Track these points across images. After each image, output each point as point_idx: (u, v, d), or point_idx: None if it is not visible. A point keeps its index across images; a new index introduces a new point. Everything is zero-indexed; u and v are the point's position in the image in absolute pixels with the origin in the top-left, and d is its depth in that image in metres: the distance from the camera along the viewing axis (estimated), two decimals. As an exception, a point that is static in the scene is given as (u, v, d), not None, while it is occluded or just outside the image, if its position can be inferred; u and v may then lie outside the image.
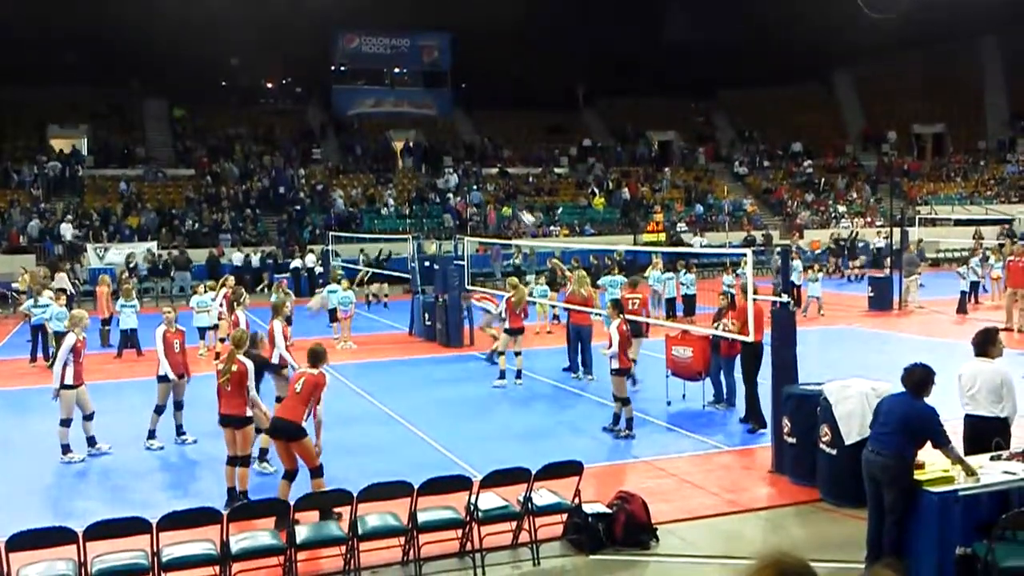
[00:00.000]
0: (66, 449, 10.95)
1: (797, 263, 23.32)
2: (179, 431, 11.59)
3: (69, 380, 10.91)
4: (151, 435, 11.39)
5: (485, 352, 17.26)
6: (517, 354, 14.80)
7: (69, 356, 10.92)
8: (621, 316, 11.54)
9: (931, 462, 7.01)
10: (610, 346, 11.16)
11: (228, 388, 9.10)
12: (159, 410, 11.45)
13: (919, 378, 6.87)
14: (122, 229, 33.51)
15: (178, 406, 11.59)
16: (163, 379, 11.42)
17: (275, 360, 11.34)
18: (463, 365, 17.04)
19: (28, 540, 6.53)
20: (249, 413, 9.17)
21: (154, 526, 6.76)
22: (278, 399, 11.48)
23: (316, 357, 8.82)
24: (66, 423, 10.95)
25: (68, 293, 25.03)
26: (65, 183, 36.07)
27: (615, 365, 11.23)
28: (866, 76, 49.88)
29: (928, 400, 6.90)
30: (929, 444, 6.85)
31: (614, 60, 45.01)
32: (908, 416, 6.77)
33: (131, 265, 30.86)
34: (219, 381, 9.16)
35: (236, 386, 9.07)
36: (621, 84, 47.99)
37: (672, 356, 13.05)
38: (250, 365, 9.21)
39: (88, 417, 11.20)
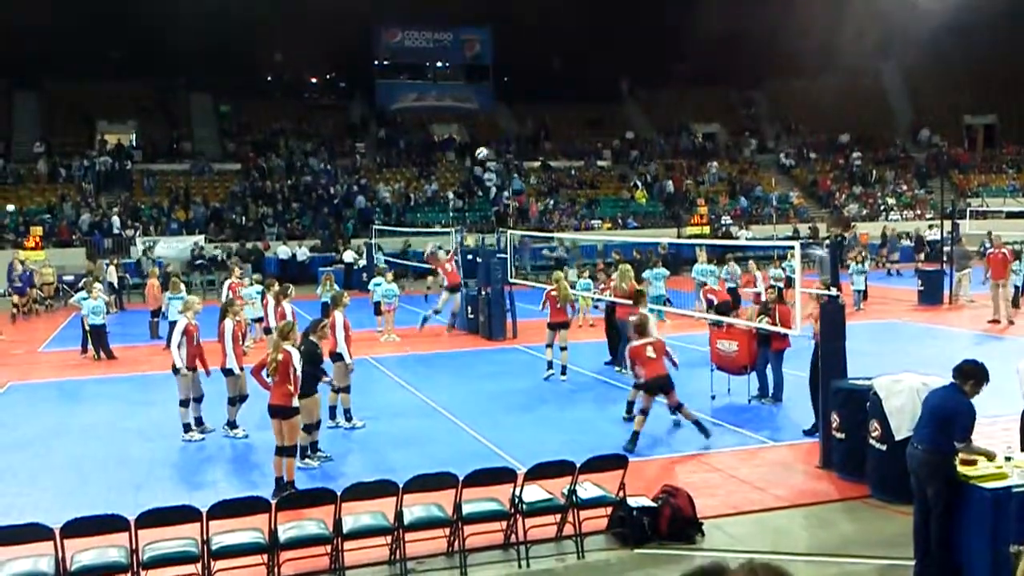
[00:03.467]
0: (187, 428, 11.44)
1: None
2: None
3: (180, 363, 11.37)
4: (232, 424, 11.58)
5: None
6: (563, 349, 14.74)
7: (182, 339, 11.39)
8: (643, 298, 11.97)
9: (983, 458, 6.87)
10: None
11: (276, 378, 9.17)
12: (233, 401, 11.59)
13: (964, 371, 6.73)
14: (170, 223, 34.05)
15: (241, 399, 11.67)
16: (229, 372, 11.52)
17: (339, 350, 11.55)
18: (506, 358, 17.06)
19: (82, 527, 6.68)
20: (295, 403, 9.21)
21: (204, 514, 6.86)
22: (335, 388, 11.61)
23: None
24: (184, 403, 11.41)
25: (115, 286, 25.68)
26: (115, 177, 36.70)
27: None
28: (915, 66, 48.90)
29: (978, 396, 6.76)
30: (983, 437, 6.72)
31: (657, 52, 44.64)
32: (941, 408, 6.65)
33: (198, 261, 31.38)
34: (268, 371, 9.25)
35: (282, 376, 9.14)
36: (664, 76, 47.62)
37: (717, 350, 12.93)
38: (295, 353, 9.27)
39: (197, 399, 11.55)
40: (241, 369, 11.57)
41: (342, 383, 11.75)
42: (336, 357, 11.66)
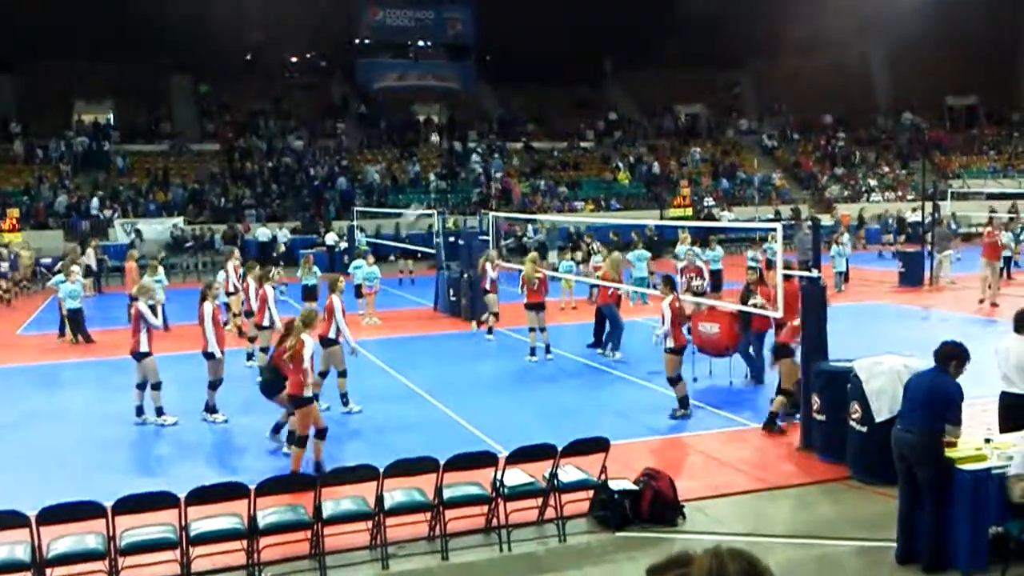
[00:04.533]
0: (159, 412, 11.33)
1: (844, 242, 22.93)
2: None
3: (145, 348, 11.19)
4: (212, 409, 11.44)
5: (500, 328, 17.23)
6: (542, 330, 14.74)
7: (142, 325, 11.23)
8: (674, 293, 11.29)
9: (964, 440, 6.90)
10: (663, 323, 10.99)
11: (291, 365, 9.07)
12: (213, 385, 11.45)
13: (946, 353, 6.75)
14: (148, 205, 33.70)
15: (211, 385, 11.51)
16: (210, 356, 11.39)
17: (331, 335, 11.46)
18: (488, 341, 17.00)
19: (59, 514, 6.60)
20: (308, 393, 9.09)
21: (182, 500, 6.79)
22: (322, 374, 11.45)
23: None
24: (155, 386, 11.28)
25: (93, 270, 25.43)
26: (92, 158, 36.27)
27: (669, 344, 11.01)
28: (897, 47, 48.99)
29: (960, 378, 6.78)
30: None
31: (641, 33, 44.47)
32: (932, 391, 6.66)
33: (188, 244, 31.12)
34: (284, 357, 9.13)
35: (296, 364, 9.03)
36: (648, 57, 47.45)
37: (699, 332, 12.93)
38: (309, 342, 9.15)
39: (155, 386, 11.36)
40: (222, 352, 11.47)
41: (339, 367, 11.65)
42: (328, 342, 11.53)
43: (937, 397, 6.62)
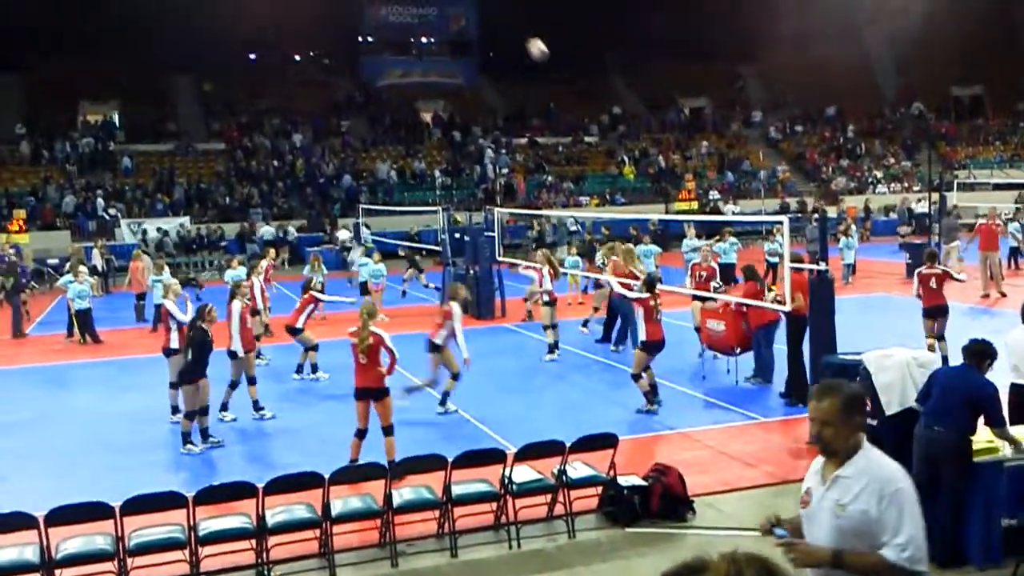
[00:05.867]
0: (175, 410, 11.26)
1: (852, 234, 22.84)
2: (256, 406, 11.45)
3: (176, 344, 11.12)
4: (223, 407, 11.38)
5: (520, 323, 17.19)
6: (554, 326, 14.72)
7: (171, 323, 11.24)
8: (650, 293, 10.98)
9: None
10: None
11: (364, 360, 8.98)
12: (234, 384, 11.43)
13: (979, 351, 6.67)
14: (155, 204, 33.74)
15: (251, 381, 11.47)
16: (233, 355, 11.31)
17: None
18: (495, 337, 16.99)
19: (67, 515, 6.59)
20: (388, 384, 9.06)
21: (190, 500, 6.78)
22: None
23: None
24: (173, 385, 11.19)
25: (100, 270, 25.40)
26: (98, 158, 36.32)
27: (642, 337, 10.93)
28: (901, 38, 48.81)
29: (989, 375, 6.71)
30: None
31: (643, 26, 44.37)
32: (969, 391, 6.56)
33: (225, 242, 31.22)
34: (356, 352, 9.04)
35: (372, 359, 8.95)
36: (651, 50, 47.35)
37: (707, 329, 12.87)
38: (384, 335, 9.10)
39: (172, 385, 11.26)
40: (246, 352, 11.40)
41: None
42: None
43: (978, 398, 6.50)
